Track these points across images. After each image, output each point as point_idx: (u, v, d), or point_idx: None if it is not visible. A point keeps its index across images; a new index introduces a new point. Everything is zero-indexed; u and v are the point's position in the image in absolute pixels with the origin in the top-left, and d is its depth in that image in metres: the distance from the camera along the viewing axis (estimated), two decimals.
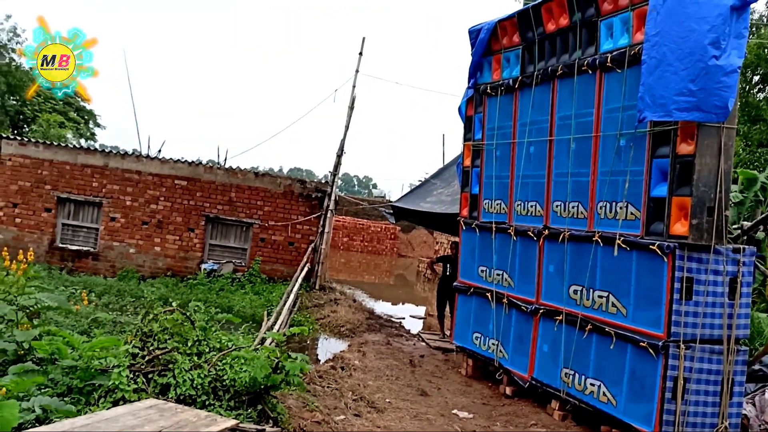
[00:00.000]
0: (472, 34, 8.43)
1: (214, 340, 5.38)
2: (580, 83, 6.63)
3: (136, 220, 14.98)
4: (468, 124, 8.87)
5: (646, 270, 5.67)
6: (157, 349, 5.02)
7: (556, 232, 6.93)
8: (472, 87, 8.67)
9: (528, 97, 7.51)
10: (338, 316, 12.23)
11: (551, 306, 6.98)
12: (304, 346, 10.33)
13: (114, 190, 14.98)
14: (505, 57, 7.98)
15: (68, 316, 8.19)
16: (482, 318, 8.32)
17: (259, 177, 15.37)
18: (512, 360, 7.64)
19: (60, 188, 14.96)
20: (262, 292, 13.46)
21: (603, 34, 6.36)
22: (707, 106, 5.09)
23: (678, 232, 5.42)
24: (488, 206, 8.35)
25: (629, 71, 5.91)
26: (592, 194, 6.50)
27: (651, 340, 5.50)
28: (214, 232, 15.30)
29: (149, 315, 5.32)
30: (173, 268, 14.91)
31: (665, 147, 5.56)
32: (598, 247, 6.28)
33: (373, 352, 9.48)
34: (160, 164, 15.14)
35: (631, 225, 5.94)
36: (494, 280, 8.06)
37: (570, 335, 6.60)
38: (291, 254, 15.15)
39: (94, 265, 14.87)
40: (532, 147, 7.48)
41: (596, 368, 6.21)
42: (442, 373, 8.65)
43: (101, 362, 4.68)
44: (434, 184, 13.21)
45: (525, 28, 7.50)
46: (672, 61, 5.19)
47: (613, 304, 6.03)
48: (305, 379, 6.85)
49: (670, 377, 5.35)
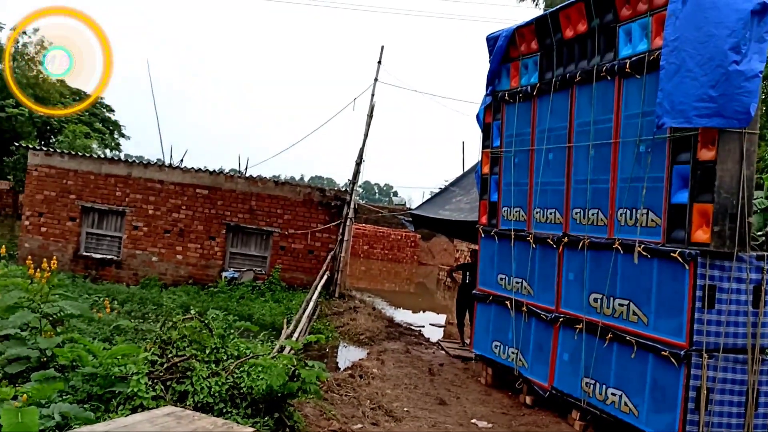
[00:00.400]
0: (489, 41, 8.42)
1: (232, 347, 5.41)
2: (599, 89, 6.57)
3: (159, 228, 15.17)
4: (486, 131, 8.84)
5: (667, 278, 5.58)
6: (176, 356, 5.07)
7: (575, 239, 6.87)
8: (490, 94, 8.65)
9: (546, 104, 7.47)
10: (357, 324, 12.23)
11: (571, 314, 6.90)
12: (324, 353, 10.34)
13: (137, 199, 15.18)
14: (524, 64, 7.95)
15: (91, 323, 8.28)
16: (502, 326, 8.26)
17: (279, 185, 15.48)
18: (532, 369, 7.57)
19: (84, 198, 15.21)
20: (281, 300, 13.52)
21: (622, 40, 6.30)
22: (728, 111, 5.01)
23: (699, 239, 5.33)
24: (507, 214, 8.31)
25: (648, 77, 5.85)
26: (611, 201, 6.43)
27: (673, 349, 5.40)
28: (235, 241, 15.42)
29: (168, 323, 5.37)
30: (195, 276, 15.05)
31: (686, 153, 5.48)
32: (618, 255, 6.20)
33: (392, 360, 9.45)
34: (182, 173, 15.32)
35: (651, 232, 5.86)
36: (513, 288, 8.00)
37: (590, 344, 6.52)
38: (311, 262, 15.20)
39: (118, 273, 15.07)
40: (550, 154, 7.43)
41: (617, 378, 6.12)
42: (461, 382, 8.59)
43: (121, 369, 4.73)
44: (453, 191, 13.18)
45: (543, 34, 7.47)
46: (691, 67, 5.12)
47: (634, 313, 5.95)
48: (323, 387, 6.85)
49: (693, 387, 5.25)
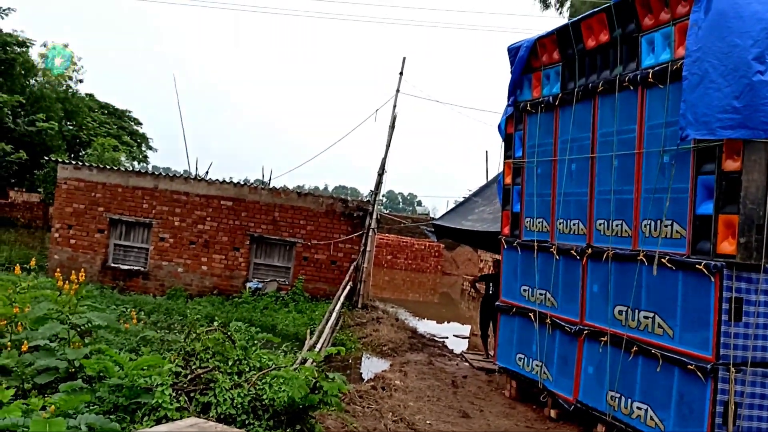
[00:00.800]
0: (511, 51, 8.42)
1: (255, 359, 5.46)
2: (622, 99, 6.53)
3: (184, 240, 15.37)
4: (508, 141, 8.82)
5: (692, 290, 5.50)
6: (199, 368, 5.13)
7: (599, 250, 6.80)
8: (511, 105, 8.63)
9: (569, 114, 7.44)
10: (380, 335, 12.22)
11: (596, 327, 6.82)
12: (347, 365, 10.35)
13: (163, 211, 15.42)
14: (545, 74, 7.93)
15: (118, 334, 8.42)
16: (525, 338, 8.19)
17: (302, 197, 15.59)
18: (557, 382, 7.49)
19: (112, 210, 15.50)
20: (305, 311, 13.58)
21: (644, 50, 6.25)
22: (753, 122, 4.93)
23: (725, 250, 5.24)
24: (530, 224, 8.26)
25: (672, 87, 5.79)
26: (636, 212, 6.36)
27: (699, 362, 5.31)
28: (259, 251, 15.56)
29: (192, 335, 5.44)
30: (219, 286, 15.21)
31: (710, 163, 5.41)
32: (643, 267, 6.12)
33: (415, 372, 9.43)
34: (207, 185, 15.53)
35: (676, 243, 5.77)
36: (537, 300, 7.94)
37: (615, 357, 6.44)
38: (333, 273, 15.26)
39: (144, 284, 15.30)
40: (573, 164, 7.38)
41: (643, 391, 6.03)
42: (485, 395, 8.53)
43: (146, 381, 4.80)
44: (476, 201, 13.15)
45: (565, 44, 7.44)
46: (715, 78, 5.06)
47: (660, 325, 5.86)
48: (345, 399, 6.86)
49: (720, 402, 5.15)
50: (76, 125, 33.57)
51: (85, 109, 34.34)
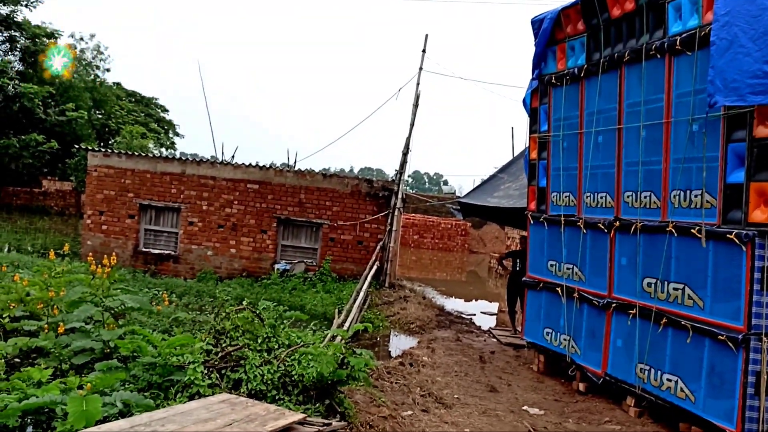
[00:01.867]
0: (534, 24, 8.28)
1: (284, 336, 5.54)
2: (649, 68, 6.39)
3: (212, 223, 15.58)
4: (533, 116, 8.72)
5: (723, 260, 5.41)
6: (230, 346, 5.23)
7: (627, 223, 6.71)
8: (536, 78, 8.51)
9: (595, 86, 7.31)
10: (408, 313, 12.29)
11: (624, 300, 6.76)
12: (375, 342, 10.44)
13: (191, 195, 15.63)
14: (570, 46, 7.79)
15: (151, 316, 8.61)
16: (553, 313, 8.16)
17: (327, 178, 15.64)
18: (585, 355, 7.46)
19: (142, 195, 15.76)
20: (332, 291, 13.70)
21: (671, 17, 6.10)
22: None
23: (757, 219, 5.13)
24: (556, 199, 8.18)
25: (700, 53, 5.65)
26: (664, 183, 6.26)
27: (730, 333, 5.24)
28: (286, 233, 15.69)
29: (222, 314, 5.54)
30: (248, 268, 15.41)
31: (741, 131, 5.28)
32: (672, 238, 6.03)
33: (443, 348, 9.47)
34: (233, 169, 15.67)
35: (707, 213, 5.67)
36: (564, 275, 7.89)
37: (644, 329, 6.38)
38: (360, 253, 15.34)
39: (175, 267, 15.57)
40: (600, 136, 7.27)
41: (673, 363, 5.98)
42: (512, 369, 8.55)
43: (178, 359, 4.91)
44: (501, 178, 13.04)
45: (589, 15, 7.29)
46: (744, 42, 4.92)
47: (689, 297, 5.79)
48: (374, 375, 6.93)
49: (752, 372, 5.08)
50: (104, 114, 34.06)
51: (113, 98, 34.80)
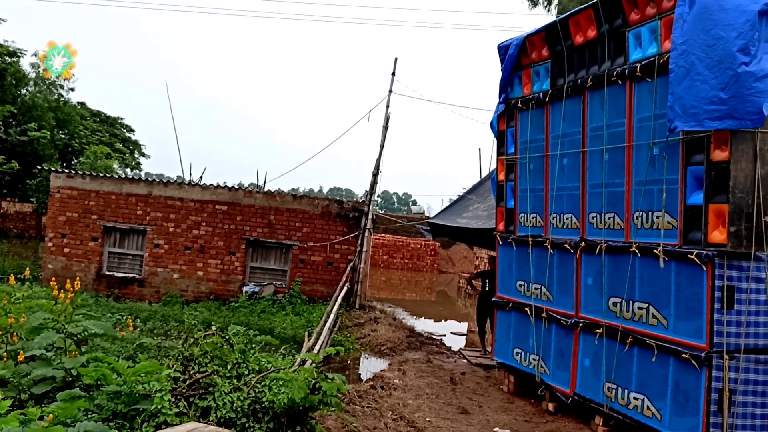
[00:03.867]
0: (501, 50, 8.46)
1: (253, 362, 5.48)
2: (611, 94, 6.58)
3: (179, 245, 15.36)
4: (500, 138, 8.87)
5: (685, 280, 5.55)
6: (198, 372, 5.15)
7: (592, 243, 6.85)
8: (503, 102, 8.68)
9: (559, 110, 7.48)
10: (378, 334, 12.25)
11: (591, 319, 6.87)
12: (346, 365, 10.37)
13: (158, 217, 15.40)
14: (535, 71, 7.98)
15: (114, 342, 8.42)
16: (522, 333, 8.24)
17: (297, 199, 15.60)
18: (554, 375, 7.53)
19: (106, 217, 15.47)
20: (302, 313, 13.58)
21: (631, 44, 6.31)
22: (740, 113, 4.99)
23: (716, 240, 5.30)
24: (524, 220, 8.31)
25: (659, 80, 5.84)
26: (627, 204, 6.42)
27: (693, 351, 5.36)
28: (255, 255, 15.56)
29: (190, 339, 5.46)
30: (216, 291, 15.20)
31: (699, 154, 5.47)
32: (635, 258, 6.18)
33: (414, 370, 9.46)
34: (202, 190, 15.52)
35: (668, 234, 5.83)
36: (533, 295, 7.98)
37: (611, 348, 6.49)
38: (330, 274, 15.28)
39: (140, 291, 15.28)
40: (565, 159, 7.43)
41: (639, 382, 6.08)
42: (483, 390, 8.57)
43: (144, 387, 4.81)
44: (470, 199, 13.19)
45: (553, 41, 7.49)
46: (701, 70, 5.12)
47: (654, 316, 5.92)
48: (345, 399, 6.89)
49: (715, 389, 5.21)
50: (68, 134, 33.48)
51: (77, 117, 34.25)
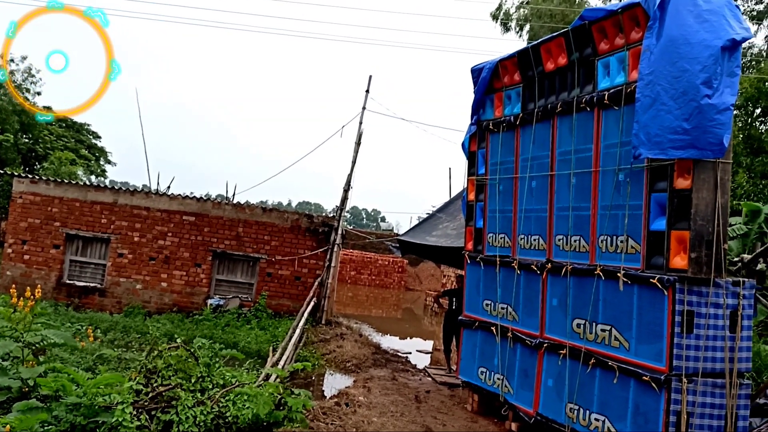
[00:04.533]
0: (474, 72, 8.61)
1: (218, 376, 5.42)
2: (579, 120, 6.75)
3: (144, 255, 15.11)
4: (471, 159, 8.99)
5: (647, 303, 5.69)
6: (161, 385, 5.07)
7: (558, 265, 6.97)
8: (474, 123, 8.81)
9: (529, 134, 7.64)
10: (344, 351, 12.20)
11: (555, 340, 6.97)
12: (310, 381, 10.29)
13: (122, 226, 15.14)
14: (507, 95, 8.14)
15: (74, 352, 8.23)
16: (487, 352, 8.30)
17: (267, 212, 15.52)
18: (517, 395, 7.60)
19: (69, 225, 15.15)
20: (267, 327, 13.46)
21: (600, 73, 6.50)
22: (702, 143, 5.18)
23: (678, 265, 5.45)
24: (492, 240, 8.41)
25: (626, 108, 6.02)
26: (593, 228, 6.56)
27: (653, 374, 5.48)
28: (221, 268, 15.39)
29: (154, 352, 5.38)
30: (179, 303, 14.97)
31: (663, 182, 5.64)
32: (599, 281, 6.30)
33: (379, 387, 9.43)
34: (169, 200, 15.33)
35: (631, 258, 5.97)
36: (499, 314, 8.07)
37: (574, 369, 6.59)
38: (297, 289, 15.19)
39: (101, 301, 14.95)
40: (534, 182, 7.57)
41: (600, 403, 6.18)
42: (447, 409, 8.59)
43: (105, 399, 4.72)
44: (440, 218, 13.30)
45: (525, 67, 7.66)
46: (666, 100, 5.30)
47: (616, 338, 6.03)
48: (309, 416, 6.83)
49: (674, 412, 5.32)
50: (32, 138, 32.71)
51: (42, 122, 33.49)
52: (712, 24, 5.31)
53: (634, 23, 5.99)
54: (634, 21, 5.98)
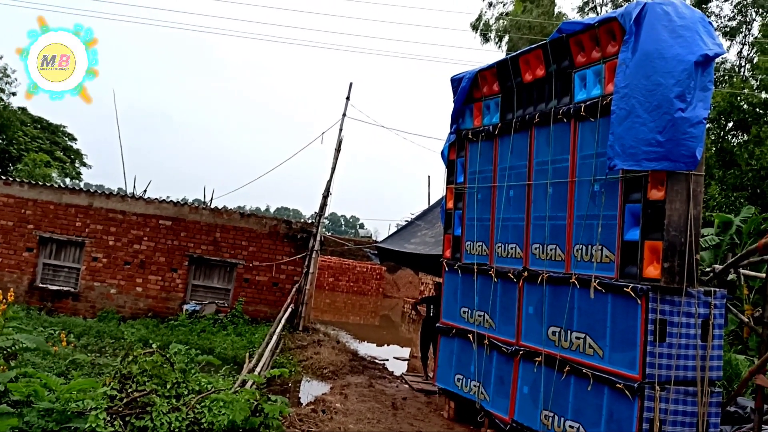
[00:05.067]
0: (454, 82, 8.70)
1: (194, 382, 5.38)
2: (556, 131, 6.85)
3: (119, 260, 14.92)
4: (450, 167, 9.06)
5: (620, 312, 5.78)
6: (136, 391, 5.02)
7: (534, 273, 7.05)
8: (454, 132, 8.89)
9: (507, 143, 7.73)
10: (321, 357, 12.16)
11: (531, 347, 7.04)
12: (287, 388, 10.24)
13: (97, 230, 14.95)
14: (486, 105, 8.23)
15: (46, 357, 8.10)
16: (464, 359, 8.35)
17: (245, 217, 15.44)
18: (493, 402, 7.65)
19: (43, 228, 14.92)
20: (244, 334, 13.37)
21: (577, 85, 6.61)
22: (675, 155, 5.30)
23: (651, 275, 5.55)
24: (470, 248, 8.48)
25: (602, 120, 6.14)
26: (568, 237, 6.65)
27: (627, 381, 5.57)
28: (198, 273, 15.26)
29: (128, 357, 5.32)
30: (154, 308, 14.80)
31: (637, 193, 5.75)
32: (575, 289, 6.39)
33: (356, 394, 9.43)
34: (145, 204, 15.18)
35: (606, 267, 6.07)
36: (476, 321, 8.12)
37: (549, 377, 6.66)
38: (275, 295, 15.12)
39: (74, 305, 14.72)
40: (511, 191, 7.66)
41: (575, 410, 6.25)
42: (424, 416, 8.61)
43: (78, 405, 4.66)
44: (418, 225, 13.36)
45: (504, 78, 7.76)
46: (640, 113, 5.42)
47: (590, 346, 6.12)
48: (285, 422, 6.80)
49: (647, 419, 5.41)
50: (5, 139, 32.16)
51: (17, 123, 32.95)
52: (686, 39, 5.45)
53: (610, 37, 6.11)
54: (610, 35, 6.10)
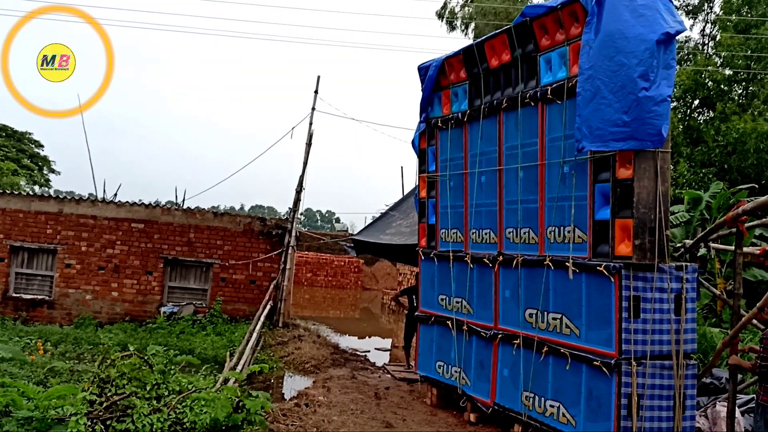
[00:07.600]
0: (421, 71, 8.71)
1: (174, 383, 5.35)
2: (524, 115, 6.91)
3: (92, 265, 14.71)
4: (422, 156, 9.09)
5: (595, 291, 5.88)
6: (116, 395, 4.98)
7: (509, 257, 7.12)
8: (423, 121, 8.91)
9: (477, 130, 7.77)
10: (302, 352, 12.16)
11: (509, 330, 7.12)
12: (269, 384, 10.22)
13: (69, 236, 14.71)
14: (454, 92, 8.26)
15: (23, 366, 7.98)
16: (444, 346, 8.42)
17: (218, 216, 15.32)
18: (475, 386, 7.74)
19: (13, 236, 14.63)
20: (224, 333, 13.30)
21: (543, 68, 6.67)
22: (641, 134, 5.38)
23: (623, 252, 5.65)
24: (445, 235, 8.53)
25: (568, 102, 6.20)
26: (541, 220, 6.73)
27: (604, 358, 5.67)
28: (174, 274, 15.11)
29: (106, 361, 5.27)
30: (131, 312, 14.63)
31: (606, 172, 5.83)
32: (549, 271, 6.48)
33: (338, 387, 9.45)
34: (116, 208, 14.97)
35: (579, 248, 6.16)
36: (454, 308, 8.19)
37: (528, 358, 6.75)
38: (253, 293, 15.05)
39: (50, 313, 14.49)
40: (483, 177, 7.72)
41: (554, 390, 6.35)
42: (407, 404, 8.67)
43: (58, 411, 4.61)
44: (393, 216, 13.39)
45: (470, 64, 7.80)
46: (605, 94, 5.49)
47: (567, 326, 6.22)
48: (269, 418, 6.80)
49: (625, 394, 5.52)
50: None
51: None
52: (647, 18, 5.52)
53: (573, 19, 6.17)
54: (573, 17, 6.17)
